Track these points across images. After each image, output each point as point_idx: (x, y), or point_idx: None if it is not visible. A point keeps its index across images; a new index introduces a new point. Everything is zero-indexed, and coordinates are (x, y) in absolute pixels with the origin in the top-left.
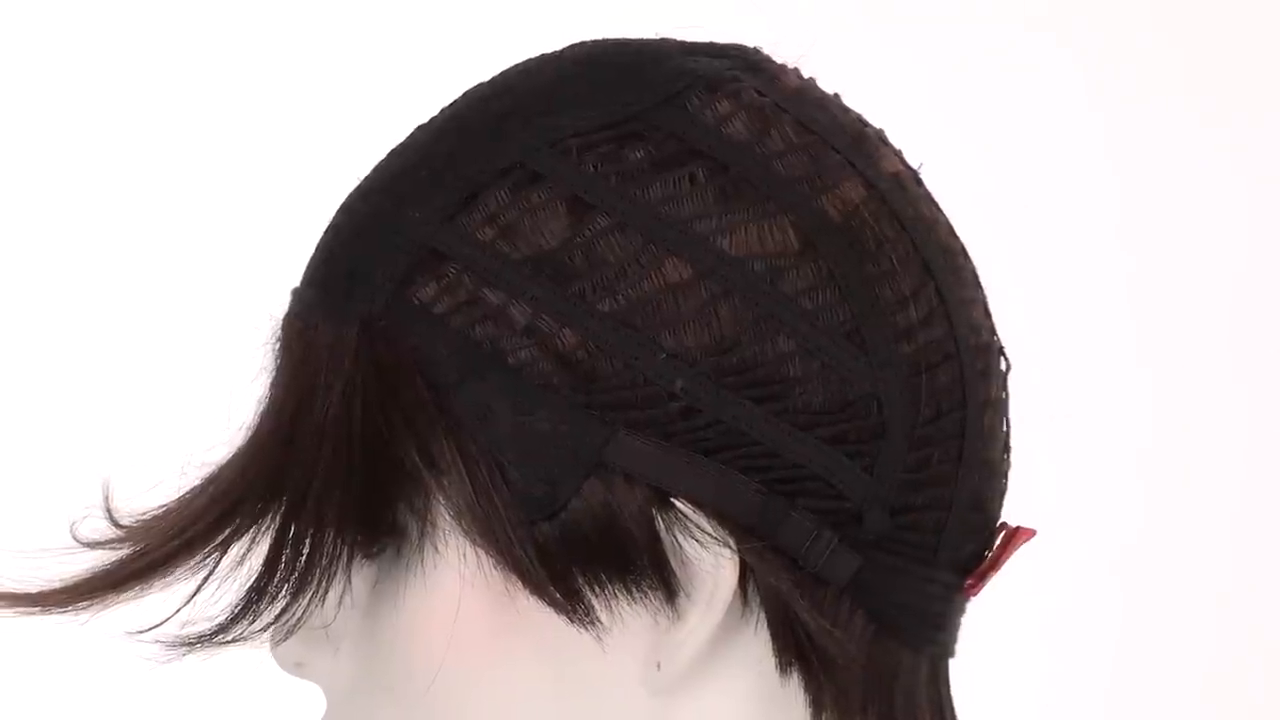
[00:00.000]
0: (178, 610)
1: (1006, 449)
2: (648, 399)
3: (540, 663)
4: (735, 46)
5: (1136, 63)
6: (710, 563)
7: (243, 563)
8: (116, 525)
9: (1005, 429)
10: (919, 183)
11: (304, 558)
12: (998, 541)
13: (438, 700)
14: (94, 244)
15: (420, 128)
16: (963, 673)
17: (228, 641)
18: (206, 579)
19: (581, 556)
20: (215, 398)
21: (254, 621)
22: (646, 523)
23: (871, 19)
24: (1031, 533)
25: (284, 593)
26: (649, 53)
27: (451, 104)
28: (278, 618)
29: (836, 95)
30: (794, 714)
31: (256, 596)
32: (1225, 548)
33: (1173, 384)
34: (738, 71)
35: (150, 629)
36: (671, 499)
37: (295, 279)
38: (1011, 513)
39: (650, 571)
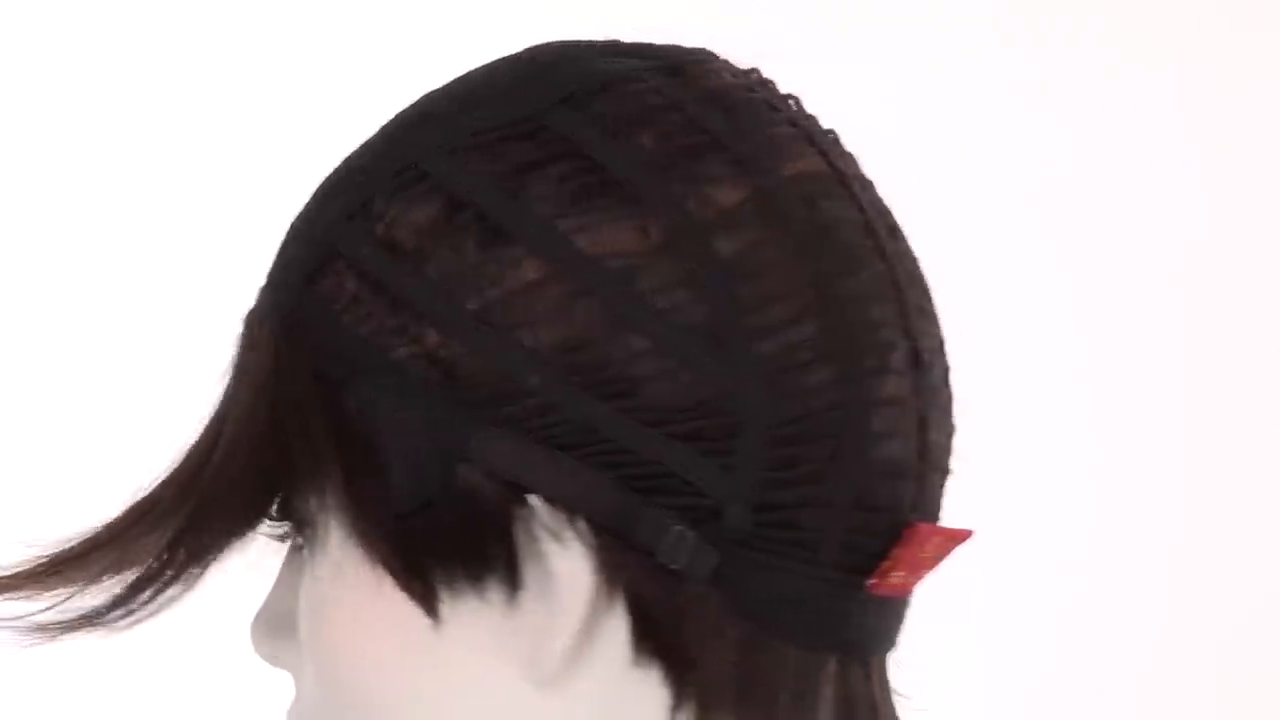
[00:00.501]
0: (51, 605)
1: (923, 451)
2: (507, 396)
3: (417, 655)
4: (668, 47)
5: (1108, 66)
6: (568, 560)
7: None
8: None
9: (920, 428)
10: (843, 183)
11: (197, 556)
12: (900, 541)
13: (339, 689)
14: (69, 248)
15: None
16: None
17: (92, 629)
18: (104, 573)
19: (443, 552)
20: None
21: (126, 610)
22: (506, 520)
23: (851, 18)
24: (962, 533)
25: (166, 583)
26: (570, 53)
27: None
28: (144, 607)
29: (789, 98)
30: (658, 710)
31: (140, 586)
32: (1201, 548)
33: (1161, 384)
34: (649, 72)
35: (18, 617)
36: (531, 496)
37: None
38: (1002, 513)
39: (508, 568)
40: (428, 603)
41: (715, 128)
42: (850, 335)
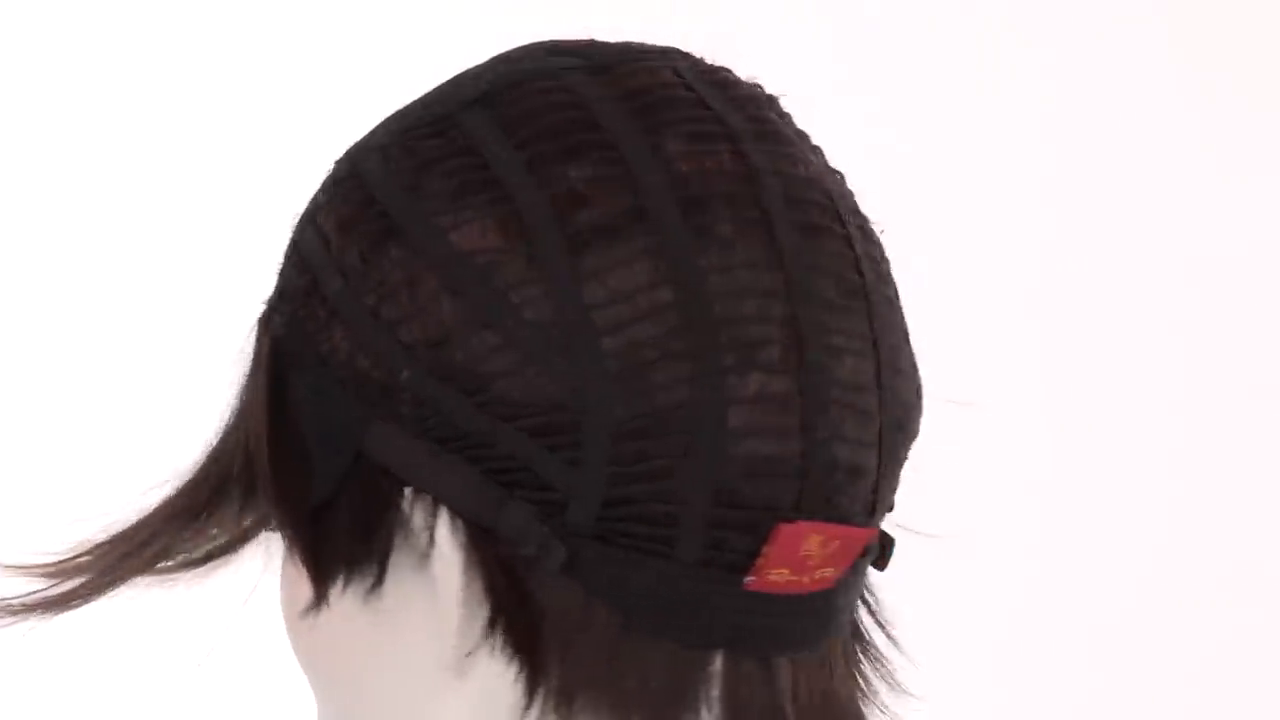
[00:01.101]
0: (32, 592)
1: (809, 450)
2: (390, 391)
3: (336, 640)
4: (619, 45)
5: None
6: (441, 553)
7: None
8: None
9: (803, 427)
10: (751, 182)
11: (175, 540)
12: (770, 539)
13: (308, 672)
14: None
15: None
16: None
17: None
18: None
19: (343, 543)
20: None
21: (84, 598)
22: (393, 513)
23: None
24: (855, 533)
25: (133, 569)
26: (514, 52)
27: None
28: (99, 593)
29: (752, 97)
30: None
31: (111, 571)
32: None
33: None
34: (572, 70)
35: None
36: (408, 489)
37: None
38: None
39: (383, 560)
40: (320, 592)
41: (611, 126)
42: (708, 333)
